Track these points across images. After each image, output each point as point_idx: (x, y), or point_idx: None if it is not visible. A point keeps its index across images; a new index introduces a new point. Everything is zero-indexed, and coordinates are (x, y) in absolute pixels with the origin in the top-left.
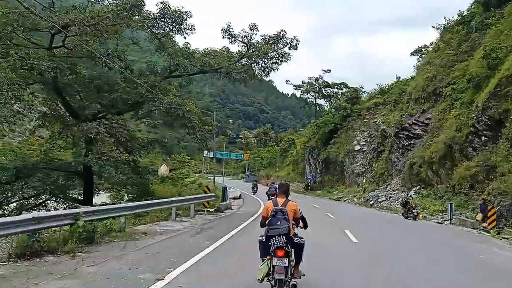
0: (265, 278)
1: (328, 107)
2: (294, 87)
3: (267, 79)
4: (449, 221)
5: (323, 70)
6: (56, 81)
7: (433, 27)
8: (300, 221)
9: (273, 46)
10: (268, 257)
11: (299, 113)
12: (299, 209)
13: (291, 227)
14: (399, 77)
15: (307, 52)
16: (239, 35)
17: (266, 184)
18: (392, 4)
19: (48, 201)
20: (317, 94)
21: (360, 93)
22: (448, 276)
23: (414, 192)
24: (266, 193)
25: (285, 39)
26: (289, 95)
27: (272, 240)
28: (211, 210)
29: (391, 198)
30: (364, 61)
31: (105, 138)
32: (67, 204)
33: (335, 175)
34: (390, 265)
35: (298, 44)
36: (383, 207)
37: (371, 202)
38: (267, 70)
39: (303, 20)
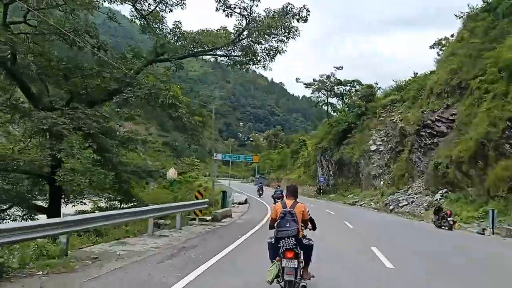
0: (275, 280)
1: (341, 105)
2: (305, 85)
3: (277, 81)
4: (491, 230)
5: (334, 67)
6: (13, 62)
7: (456, 15)
8: (309, 222)
9: (277, 23)
10: (277, 258)
11: (310, 115)
12: (307, 211)
13: (300, 228)
14: (417, 73)
15: (307, 51)
16: (236, 5)
17: (275, 187)
18: (391, 2)
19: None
20: (328, 93)
21: (375, 90)
22: None
23: (441, 196)
24: (272, 196)
25: (292, 12)
26: (300, 97)
27: (281, 242)
28: (208, 218)
29: (413, 203)
30: (364, 61)
31: (66, 131)
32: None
33: (349, 177)
34: None
35: (309, 15)
36: (405, 212)
37: (390, 207)
38: (272, 53)
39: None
